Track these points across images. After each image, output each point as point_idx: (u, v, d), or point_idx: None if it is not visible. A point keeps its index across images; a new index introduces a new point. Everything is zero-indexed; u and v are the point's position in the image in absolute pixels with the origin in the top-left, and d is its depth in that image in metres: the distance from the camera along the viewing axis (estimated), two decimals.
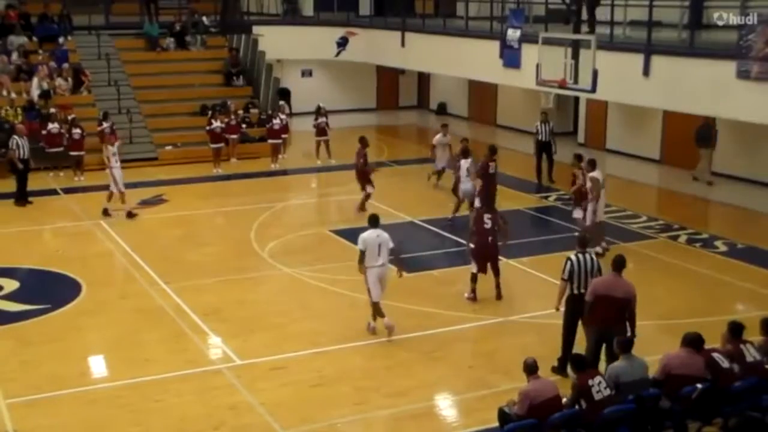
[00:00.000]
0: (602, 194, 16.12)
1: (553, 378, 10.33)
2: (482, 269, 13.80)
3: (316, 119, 24.39)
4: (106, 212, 18.62)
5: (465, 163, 18.13)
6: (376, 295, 12.32)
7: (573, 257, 11.04)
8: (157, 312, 13.49)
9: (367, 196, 18.85)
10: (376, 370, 11.51)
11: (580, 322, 11.07)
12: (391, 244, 12.23)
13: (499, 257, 14.04)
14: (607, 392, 8.93)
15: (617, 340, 9.63)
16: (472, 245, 13.84)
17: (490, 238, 13.73)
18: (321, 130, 24.34)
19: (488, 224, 13.73)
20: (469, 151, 18.37)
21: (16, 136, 20.07)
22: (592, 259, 11.10)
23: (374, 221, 12.41)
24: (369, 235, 12.21)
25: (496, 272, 13.88)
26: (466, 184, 17.87)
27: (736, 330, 9.82)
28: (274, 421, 10.14)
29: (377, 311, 12.43)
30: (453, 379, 11.37)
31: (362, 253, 12.16)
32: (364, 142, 19.00)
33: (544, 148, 21.55)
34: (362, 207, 18.74)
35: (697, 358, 9.41)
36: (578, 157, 17.06)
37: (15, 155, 19.77)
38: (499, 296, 13.82)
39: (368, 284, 12.32)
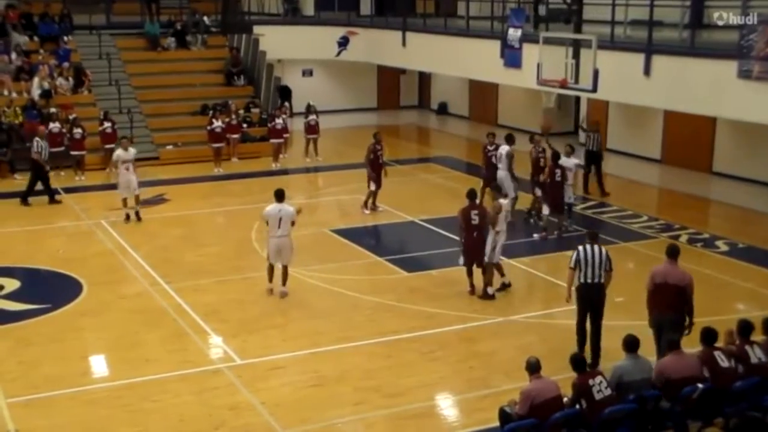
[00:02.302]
0: (502, 229, 13.82)
1: (555, 378, 10.30)
2: (468, 264, 13.88)
3: (306, 117, 24.43)
4: (130, 217, 18.25)
5: (503, 150, 18.06)
6: (271, 258, 13.87)
7: (581, 247, 11.23)
8: (157, 312, 13.49)
9: (370, 194, 18.83)
10: (376, 370, 11.49)
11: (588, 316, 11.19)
12: (294, 218, 13.58)
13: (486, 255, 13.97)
14: (608, 392, 8.93)
15: (623, 339, 9.60)
16: (461, 240, 13.94)
17: (474, 234, 13.74)
18: (311, 128, 24.36)
19: (475, 220, 13.73)
20: (513, 138, 18.32)
21: (38, 138, 20.05)
22: (601, 251, 11.15)
23: (279, 196, 13.66)
24: (272, 209, 13.63)
25: (482, 270, 13.90)
26: (501, 171, 17.89)
27: (745, 329, 9.76)
28: (274, 420, 10.13)
29: (269, 274, 13.94)
30: (453, 379, 11.36)
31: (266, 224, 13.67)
32: (376, 137, 18.90)
33: (593, 159, 20.32)
34: (366, 205, 18.79)
35: (688, 358, 9.39)
36: (555, 155, 16.94)
37: (40, 157, 19.73)
38: (484, 295, 13.82)
39: (267, 250, 13.90)
